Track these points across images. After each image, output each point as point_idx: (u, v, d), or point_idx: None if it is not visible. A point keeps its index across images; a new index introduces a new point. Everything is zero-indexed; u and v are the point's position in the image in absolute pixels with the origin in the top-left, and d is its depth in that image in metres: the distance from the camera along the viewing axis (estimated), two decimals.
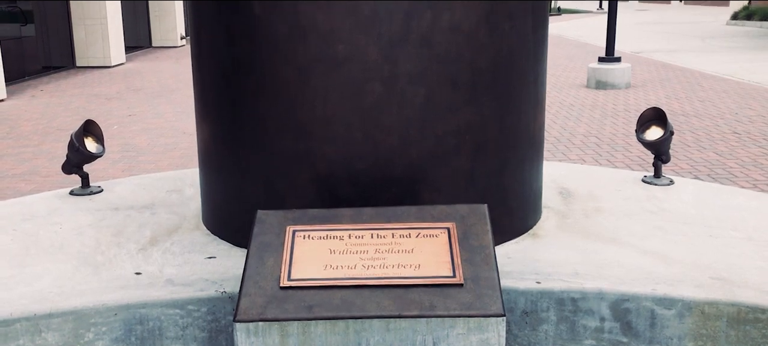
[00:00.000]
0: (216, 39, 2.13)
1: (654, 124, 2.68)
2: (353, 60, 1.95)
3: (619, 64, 9.90)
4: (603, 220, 2.36)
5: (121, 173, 5.61)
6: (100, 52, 13.10)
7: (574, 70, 11.83)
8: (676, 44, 16.40)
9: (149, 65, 13.57)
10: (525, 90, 2.20)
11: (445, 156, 2.06)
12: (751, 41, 16.82)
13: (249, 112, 2.10)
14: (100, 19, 12.98)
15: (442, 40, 1.97)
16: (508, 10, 2.06)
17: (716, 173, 5.41)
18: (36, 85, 10.80)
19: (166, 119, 7.88)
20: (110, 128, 7.32)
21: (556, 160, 5.91)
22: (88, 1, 12.90)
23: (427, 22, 1.95)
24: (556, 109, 8.18)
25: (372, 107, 1.99)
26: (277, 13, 1.96)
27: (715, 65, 12.04)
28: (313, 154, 2.05)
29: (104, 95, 9.76)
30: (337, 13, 1.92)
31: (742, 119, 7.41)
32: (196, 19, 2.22)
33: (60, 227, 2.36)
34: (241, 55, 2.06)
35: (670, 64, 12.34)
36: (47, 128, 7.45)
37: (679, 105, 8.31)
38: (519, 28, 2.11)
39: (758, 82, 9.98)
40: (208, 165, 2.33)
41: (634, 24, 24.02)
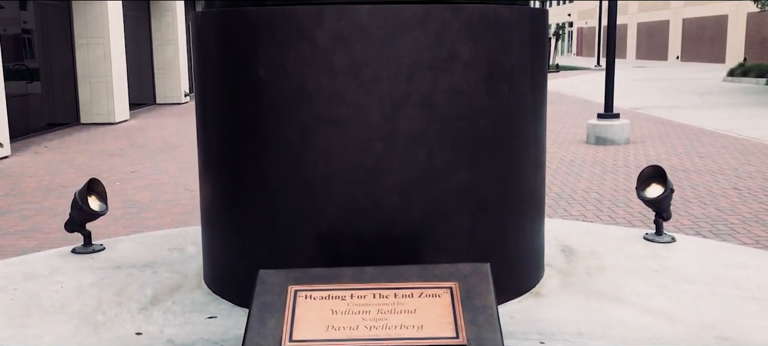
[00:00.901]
0: (221, 99, 2.17)
1: (654, 181, 2.70)
2: (356, 121, 1.98)
3: (618, 120, 9.98)
4: (606, 278, 2.36)
5: (123, 229, 5.61)
6: (105, 109, 13.25)
7: (573, 126, 11.93)
8: (674, 101, 16.56)
9: (153, 122, 13.71)
10: (525, 149, 2.23)
11: (447, 215, 2.07)
12: (748, 97, 17.00)
13: (252, 171, 2.12)
14: (105, 76, 13.17)
15: (443, 101, 2.00)
16: (507, 72, 2.10)
17: (718, 229, 5.40)
18: (40, 141, 10.89)
19: (168, 175, 7.92)
20: (113, 185, 7.35)
21: (558, 216, 5.91)
22: (94, 59, 13.11)
23: (427, 84, 1.98)
24: (556, 164, 8.22)
25: (374, 166, 2.01)
26: (282, 77, 2.00)
27: (713, 121, 12.15)
28: (315, 213, 2.06)
29: (108, 152, 9.83)
30: (340, 77, 1.96)
31: (742, 175, 7.43)
32: (201, 79, 2.27)
33: (61, 286, 2.36)
34: (246, 115, 2.09)
35: (669, 121, 12.44)
36: (50, 185, 7.48)
37: (679, 161, 8.35)
38: (518, 89, 2.15)
39: (757, 138, 10.04)
40: (210, 223, 2.34)
41: (632, 80, 24.31)
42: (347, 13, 1.95)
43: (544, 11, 2.25)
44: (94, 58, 13.13)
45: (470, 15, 2.01)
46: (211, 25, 2.16)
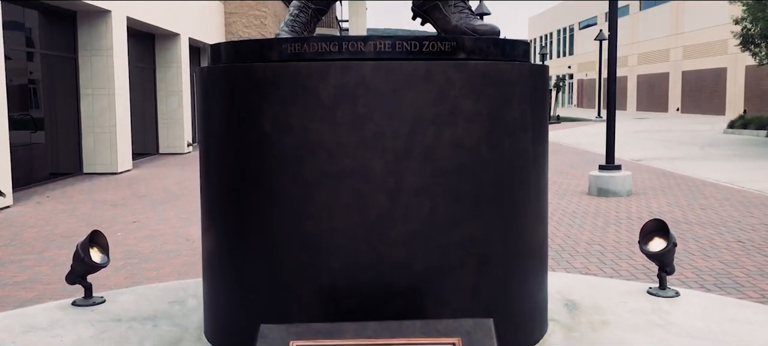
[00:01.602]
0: (225, 153, 2.19)
1: (657, 235, 2.70)
2: (359, 174, 2.00)
3: (620, 172, 10.00)
4: (610, 333, 2.33)
5: (123, 280, 5.58)
6: (108, 159, 13.31)
7: (575, 177, 11.95)
8: (675, 152, 16.62)
9: (155, 171, 13.75)
10: (527, 203, 2.23)
11: (449, 269, 2.07)
12: (749, 149, 17.06)
13: (255, 224, 2.13)
14: (109, 127, 13.28)
15: (446, 155, 2.02)
16: (508, 126, 2.12)
17: (722, 283, 5.36)
18: (42, 191, 10.91)
19: (170, 225, 7.91)
20: (114, 235, 7.34)
21: (561, 268, 5.88)
22: (98, 110, 13.24)
23: (430, 138, 2.00)
24: (558, 216, 8.21)
25: (377, 220, 2.01)
26: (287, 131, 2.02)
27: (715, 173, 12.17)
28: (317, 267, 2.05)
29: (109, 202, 9.84)
30: (343, 131, 1.98)
31: (745, 227, 7.41)
32: (205, 133, 2.29)
33: (61, 340, 2.34)
34: (249, 169, 2.11)
35: (670, 172, 12.46)
36: (51, 235, 7.46)
37: (681, 213, 8.33)
38: (520, 143, 2.17)
39: (759, 191, 10.04)
40: (211, 276, 2.33)
41: (632, 132, 24.44)
42: (351, 68, 1.98)
43: (544, 67, 2.28)
44: (99, 109, 13.26)
45: (472, 71, 2.04)
46: (216, 81, 2.19)
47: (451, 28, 2.32)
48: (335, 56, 2.03)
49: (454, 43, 2.06)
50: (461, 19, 2.30)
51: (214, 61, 2.29)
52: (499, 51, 2.15)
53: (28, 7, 11.67)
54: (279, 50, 2.07)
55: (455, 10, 2.33)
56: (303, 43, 2.05)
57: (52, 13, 12.45)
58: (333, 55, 2.03)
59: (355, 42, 2.03)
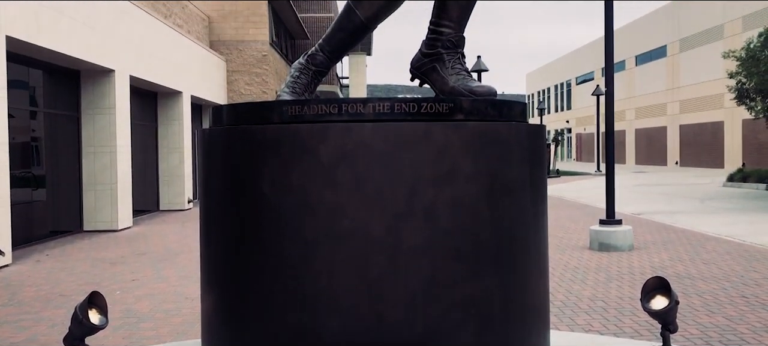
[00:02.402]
0: (225, 213, 2.20)
1: (658, 293, 2.68)
2: (358, 234, 2.00)
3: (621, 226, 9.99)
4: None
5: (121, 340, 5.51)
6: (108, 217, 13.31)
7: (576, 231, 11.92)
8: (675, 206, 16.62)
9: (156, 229, 13.73)
10: (528, 261, 2.23)
11: (450, 330, 2.05)
12: (749, 203, 17.06)
13: (254, 284, 2.12)
14: (110, 184, 13.31)
15: (445, 214, 2.03)
16: (507, 185, 2.14)
17: (728, 339, 5.29)
18: (42, 249, 10.87)
19: (169, 283, 7.86)
20: (113, 294, 7.28)
21: (564, 325, 5.81)
22: (99, 167, 13.30)
23: (429, 198, 2.02)
24: (560, 272, 8.16)
25: (377, 280, 2.01)
26: (286, 192, 2.03)
27: (716, 227, 12.14)
28: (317, 328, 2.04)
29: (109, 260, 9.80)
30: (343, 191, 1.99)
31: (748, 282, 7.36)
32: (206, 193, 2.30)
33: None
34: (249, 229, 2.11)
35: (671, 226, 12.44)
36: (49, 294, 7.41)
37: (683, 267, 8.28)
38: (519, 202, 2.18)
39: (761, 244, 10.00)
40: (210, 337, 2.31)
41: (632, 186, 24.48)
42: (351, 130, 2.01)
43: (541, 127, 2.31)
44: (100, 167, 13.32)
45: (470, 132, 2.07)
46: (218, 142, 2.22)
47: (448, 89, 2.35)
48: (335, 118, 2.06)
49: (451, 104, 2.10)
50: (458, 81, 2.34)
51: (215, 123, 2.32)
52: (496, 112, 2.18)
53: (33, 67, 11.85)
54: (280, 112, 2.10)
55: (452, 72, 2.37)
56: (303, 106, 2.08)
57: (56, 73, 12.63)
58: (333, 116, 2.06)
59: (355, 104, 2.06)
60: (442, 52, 2.39)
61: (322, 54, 2.69)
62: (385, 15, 2.64)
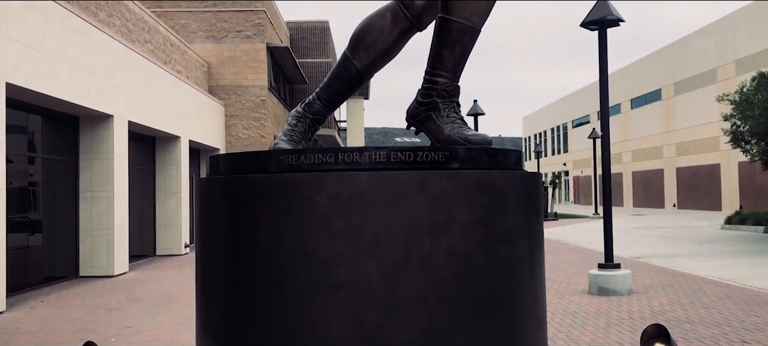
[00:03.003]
0: (221, 262, 2.19)
1: (657, 341, 2.66)
2: (355, 284, 1.99)
3: (620, 270, 9.94)
4: None
5: None
6: (104, 262, 13.23)
7: (575, 275, 11.86)
8: (674, 249, 16.58)
9: (152, 274, 13.64)
10: (525, 310, 2.22)
11: None
12: (748, 246, 17.03)
13: (250, 332, 2.10)
14: (107, 229, 13.27)
15: (442, 264, 2.03)
16: (504, 234, 2.14)
17: None
18: (37, 295, 10.78)
19: (165, 330, 7.78)
20: (108, 341, 7.20)
21: None
22: (96, 213, 13.27)
23: (426, 247, 2.01)
24: (560, 317, 8.09)
25: (373, 330, 2.00)
26: (282, 241, 2.03)
27: (715, 270, 12.10)
28: None
29: (105, 306, 9.71)
30: (339, 240, 1.99)
31: (749, 327, 7.30)
32: (202, 242, 2.30)
33: None
34: (245, 277, 2.11)
35: (670, 270, 12.39)
36: (44, 341, 7.32)
37: (683, 312, 8.23)
38: (516, 250, 2.18)
39: (761, 288, 9.95)
40: None
41: (630, 229, 24.45)
42: (347, 179, 2.02)
43: (536, 175, 2.32)
44: (98, 212, 13.30)
45: (466, 180, 2.08)
46: (215, 191, 2.22)
47: (443, 138, 2.37)
48: (331, 167, 2.07)
49: (447, 153, 2.11)
50: (454, 129, 2.37)
51: (212, 172, 2.33)
52: (491, 160, 2.19)
53: (32, 112, 11.92)
54: (276, 162, 2.11)
55: (448, 121, 2.39)
56: (300, 155, 2.09)
57: (55, 118, 12.69)
58: (329, 165, 2.07)
59: (351, 153, 2.08)
60: (438, 101, 2.41)
61: (319, 102, 2.71)
62: (381, 65, 2.68)
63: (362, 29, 2.65)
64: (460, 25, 2.33)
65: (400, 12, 2.61)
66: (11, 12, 9.68)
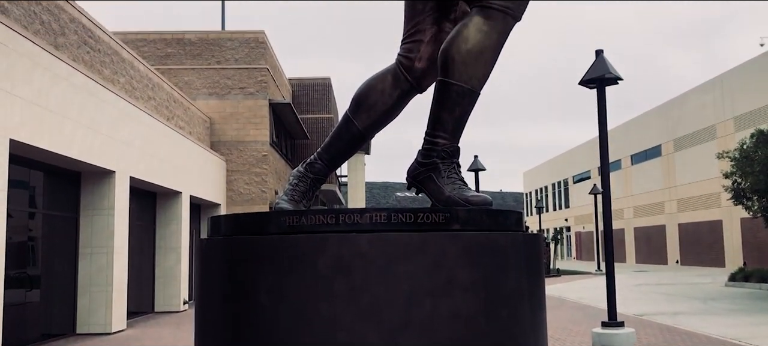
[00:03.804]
0: (221, 322, 2.17)
1: None
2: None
3: (623, 329, 9.82)
4: None
5: None
6: (102, 319, 13.09)
7: (578, 334, 11.70)
8: (678, 306, 16.40)
9: (150, 331, 13.47)
10: None
11: None
12: (753, 303, 16.84)
13: None
14: (105, 286, 13.17)
15: (443, 327, 2.01)
16: (505, 295, 2.13)
17: None
18: None
19: None
20: None
21: None
22: (96, 269, 13.19)
23: (427, 310, 2.00)
24: None
25: None
26: (282, 302, 2.02)
27: (720, 328, 11.94)
28: None
29: None
30: (340, 302, 1.98)
31: None
32: (202, 302, 2.28)
33: None
34: (244, 338, 2.09)
35: (674, 328, 12.23)
36: None
37: None
38: (517, 312, 2.16)
39: None
40: None
41: (633, 285, 24.23)
42: (348, 240, 2.02)
43: (537, 236, 2.32)
44: (97, 268, 13.22)
45: (467, 242, 2.07)
46: (215, 252, 2.22)
47: (444, 199, 2.38)
48: (332, 228, 2.07)
49: (448, 214, 2.12)
50: (454, 190, 2.37)
51: (213, 233, 2.33)
52: (492, 221, 2.20)
53: (34, 168, 11.97)
54: (278, 223, 2.12)
55: (448, 181, 2.40)
56: (301, 216, 2.10)
57: (57, 174, 12.74)
58: (330, 227, 2.08)
59: (352, 214, 2.08)
60: (438, 162, 2.43)
61: (320, 162, 2.73)
62: (382, 125, 2.71)
63: (363, 91, 2.69)
64: (459, 87, 2.37)
65: (400, 74, 2.66)
66: (19, 71, 9.82)
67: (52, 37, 12.07)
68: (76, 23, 13.16)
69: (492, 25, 2.32)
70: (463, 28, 2.33)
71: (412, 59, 2.63)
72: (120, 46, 15.47)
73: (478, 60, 2.34)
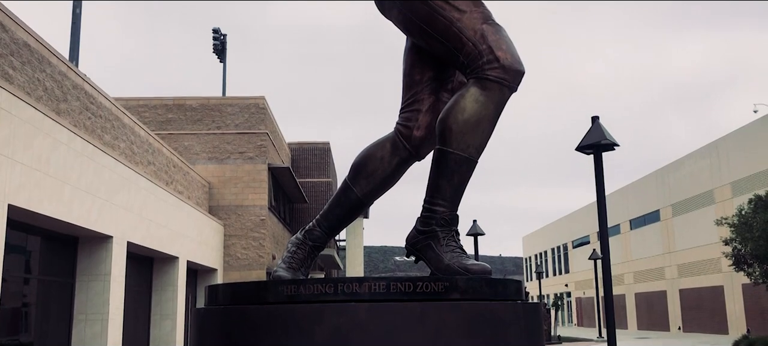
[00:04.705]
0: None
1: None
2: None
3: None
4: None
5: None
6: None
7: None
8: None
9: None
10: None
11: None
12: None
13: None
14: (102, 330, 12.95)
15: None
16: None
17: None
18: None
19: None
20: None
21: None
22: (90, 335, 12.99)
23: None
24: None
25: None
26: None
27: None
28: None
29: None
30: None
31: None
32: None
33: None
34: None
35: None
36: None
37: None
38: None
39: None
40: None
41: None
42: (346, 310, 2.00)
43: (537, 305, 2.30)
44: (91, 334, 13.02)
45: (467, 312, 2.06)
46: (213, 322, 2.19)
47: (443, 267, 2.37)
48: (331, 298, 2.05)
49: (447, 283, 2.10)
50: (453, 259, 2.37)
51: (210, 303, 2.31)
52: (492, 291, 2.18)
53: (32, 233, 11.92)
54: (275, 293, 2.10)
55: (447, 250, 2.40)
56: (299, 286, 2.08)
57: (54, 239, 12.69)
58: (329, 296, 2.06)
59: (351, 284, 2.07)
60: (437, 229, 2.43)
61: (319, 229, 2.73)
62: (381, 192, 2.72)
63: (362, 158, 2.71)
64: (457, 156, 2.39)
65: (399, 142, 2.68)
66: (20, 137, 9.90)
67: (54, 103, 12.22)
68: (79, 89, 13.34)
69: (488, 95, 2.35)
70: (460, 98, 2.37)
71: (410, 128, 2.67)
72: (121, 111, 15.64)
73: (475, 129, 2.37)
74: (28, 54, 11.19)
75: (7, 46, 10.47)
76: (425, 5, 2.43)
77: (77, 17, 18.51)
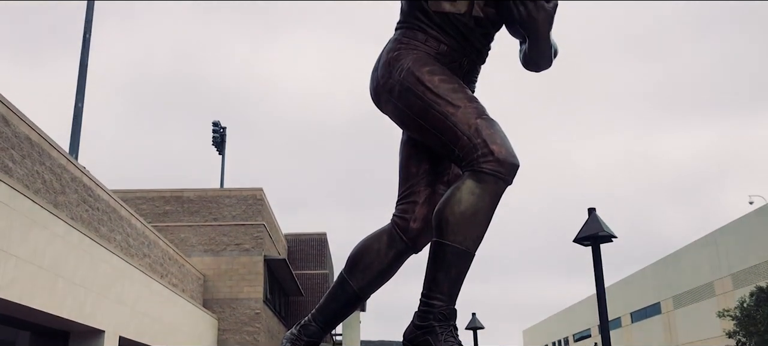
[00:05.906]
0: None
1: None
2: None
3: None
4: None
5: None
6: None
7: None
8: None
9: None
10: None
11: None
12: None
13: None
14: None
15: None
16: None
17: None
18: None
19: None
20: None
21: None
22: None
23: None
24: None
25: None
26: None
27: None
28: None
29: None
30: None
31: None
32: None
33: None
34: None
35: None
36: None
37: None
38: None
39: None
40: None
41: None
42: None
43: None
44: None
45: None
46: None
47: None
48: None
49: None
50: None
51: None
52: None
53: (22, 328, 11.68)
54: None
55: (445, 345, 2.34)
56: None
57: (44, 334, 12.42)
58: None
59: None
60: (435, 324, 2.38)
61: (315, 324, 2.68)
62: (377, 285, 2.69)
63: (359, 251, 2.69)
64: (454, 249, 2.37)
65: (396, 235, 2.67)
66: (16, 229, 9.85)
67: (52, 195, 12.23)
68: (77, 182, 13.39)
69: (484, 187, 2.36)
70: (456, 190, 2.38)
71: (407, 220, 2.66)
72: (118, 203, 15.65)
73: (471, 221, 2.36)
74: (29, 147, 11.29)
75: (8, 140, 10.58)
76: (420, 100, 2.47)
77: (79, 111, 18.82)
